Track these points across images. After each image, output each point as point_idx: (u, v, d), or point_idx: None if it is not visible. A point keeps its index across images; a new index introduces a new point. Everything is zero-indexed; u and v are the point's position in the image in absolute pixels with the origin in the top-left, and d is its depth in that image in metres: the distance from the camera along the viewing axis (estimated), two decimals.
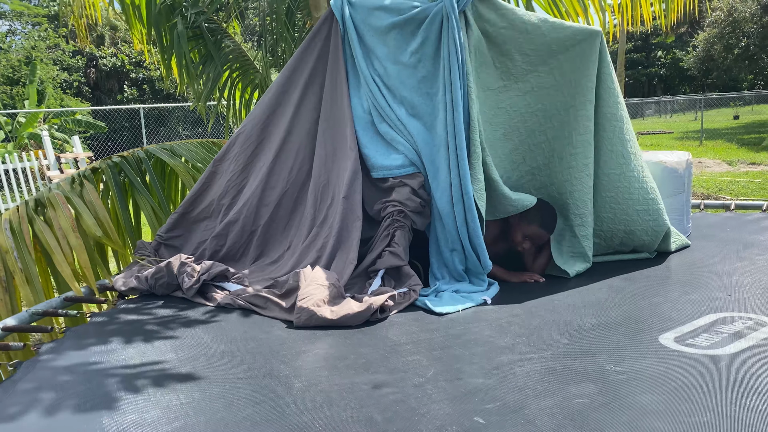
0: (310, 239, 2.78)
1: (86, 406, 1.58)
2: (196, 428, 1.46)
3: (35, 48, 27.42)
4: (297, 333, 2.12)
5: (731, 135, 21.08)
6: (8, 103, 24.39)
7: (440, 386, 1.65)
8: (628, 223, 2.94)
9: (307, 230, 2.83)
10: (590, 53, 2.81)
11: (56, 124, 17.80)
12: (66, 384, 1.71)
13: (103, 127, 18.27)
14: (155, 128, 22.04)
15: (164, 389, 1.68)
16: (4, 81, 27.10)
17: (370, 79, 2.86)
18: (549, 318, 2.21)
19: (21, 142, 16.06)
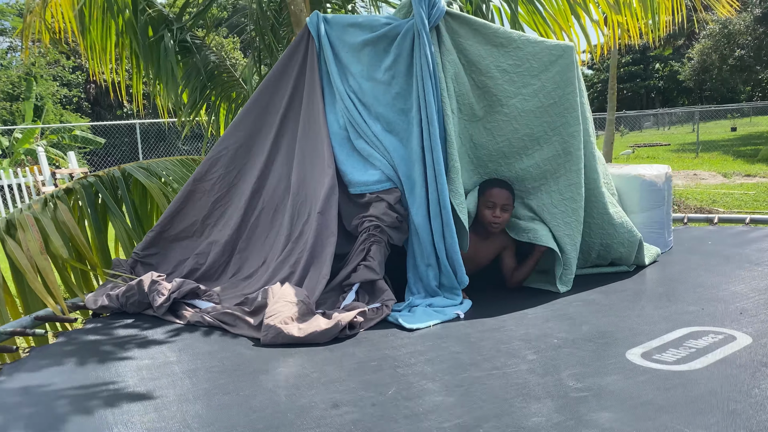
0: (285, 255, 2.77)
1: (35, 430, 1.57)
2: None
3: (35, 64, 27.58)
4: (262, 351, 2.11)
5: (728, 147, 21.13)
6: (8, 119, 24.51)
7: (399, 405, 1.64)
8: (603, 236, 2.93)
9: (282, 246, 2.83)
10: (569, 69, 2.81)
11: (54, 140, 17.86)
12: (17, 405, 1.70)
13: (99, 142, 18.31)
14: (155, 143, 22.10)
15: (118, 410, 1.66)
16: (4, 97, 27.26)
17: (345, 96, 2.87)
18: (519, 332, 2.20)
19: (17, 158, 16.11)
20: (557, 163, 2.77)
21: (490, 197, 2.75)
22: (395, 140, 2.78)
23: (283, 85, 3.07)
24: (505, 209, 2.76)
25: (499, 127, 2.80)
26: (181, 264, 2.98)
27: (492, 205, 2.75)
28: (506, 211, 2.77)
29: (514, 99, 2.78)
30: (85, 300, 2.61)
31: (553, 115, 2.77)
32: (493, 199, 2.75)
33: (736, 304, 2.37)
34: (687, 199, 10.22)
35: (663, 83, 44.99)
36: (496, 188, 2.76)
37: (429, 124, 2.61)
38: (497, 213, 2.75)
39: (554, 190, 2.79)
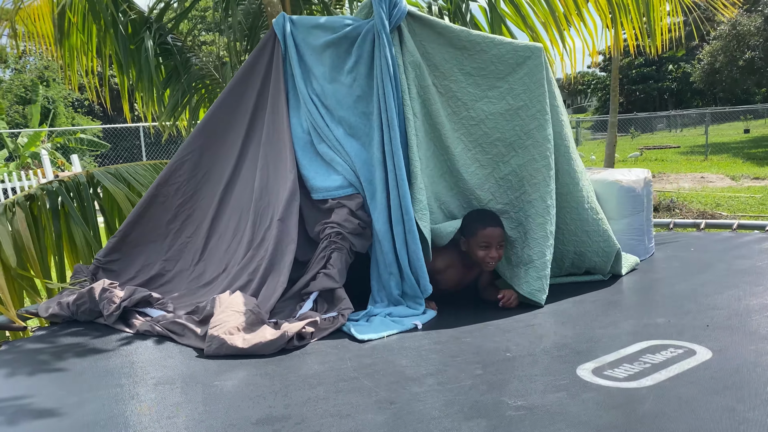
0: (245, 261, 2.71)
1: None
2: None
3: (48, 68, 27.83)
4: (204, 363, 2.04)
5: (738, 149, 20.84)
6: (21, 123, 24.73)
7: (324, 423, 1.56)
8: (577, 244, 2.84)
9: (244, 252, 2.76)
10: (538, 71, 2.72)
11: (60, 142, 17.97)
12: None
13: (105, 145, 18.41)
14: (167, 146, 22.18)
15: (38, 422, 1.60)
16: (17, 101, 27.54)
17: (308, 99, 2.80)
18: (473, 345, 2.12)
19: (23, 162, 16.22)
20: (534, 168, 2.66)
21: (483, 237, 2.59)
22: (357, 144, 2.70)
23: (250, 88, 3.01)
24: (500, 247, 2.62)
25: (468, 132, 2.71)
26: (145, 268, 2.92)
27: (486, 246, 2.59)
28: (501, 248, 2.63)
29: (480, 102, 2.70)
30: (37, 308, 2.56)
31: (525, 118, 2.68)
32: (488, 240, 2.59)
33: (706, 316, 2.27)
34: (691, 203, 10.05)
35: (676, 85, 44.55)
36: (490, 227, 2.59)
37: (390, 128, 2.53)
38: (493, 253, 2.59)
39: (535, 197, 2.65)
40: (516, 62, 2.68)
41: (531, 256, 2.66)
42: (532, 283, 2.59)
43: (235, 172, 3.02)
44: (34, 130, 16.90)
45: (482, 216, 2.64)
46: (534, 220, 2.68)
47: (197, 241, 2.98)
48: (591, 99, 52.71)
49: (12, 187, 12.10)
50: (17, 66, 33.31)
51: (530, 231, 2.68)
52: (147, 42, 4.28)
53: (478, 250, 2.60)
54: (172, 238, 3.00)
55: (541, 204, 2.68)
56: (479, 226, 2.60)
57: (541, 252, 2.64)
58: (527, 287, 2.58)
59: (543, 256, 2.64)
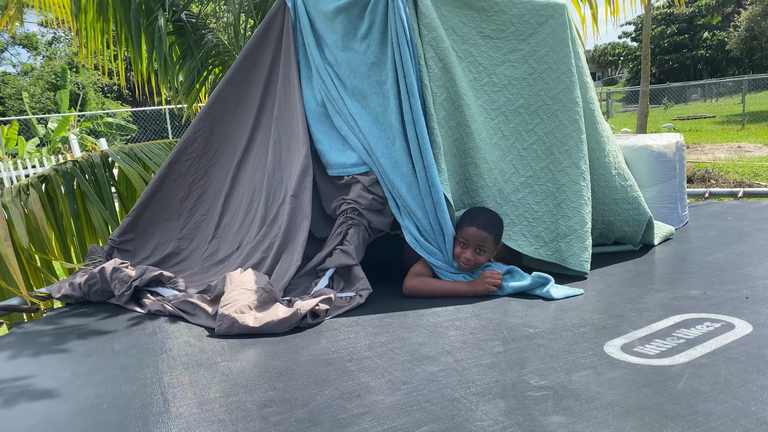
0: (259, 239, 2.63)
1: None
2: None
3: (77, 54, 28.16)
4: (211, 344, 1.96)
5: None
6: (52, 109, 25.11)
7: (332, 406, 1.47)
8: (606, 213, 2.70)
9: (257, 229, 2.68)
10: (562, 30, 2.57)
11: (88, 127, 18.17)
12: None
13: (133, 129, 18.56)
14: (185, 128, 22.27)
15: (38, 404, 1.54)
16: (48, 87, 27.94)
17: (323, 69, 2.68)
18: (494, 321, 2.01)
19: (54, 147, 16.45)
20: (563, 134, 2.51)
21: (464, 234, 2.36)
22: (369, 117, 2.57)
23: (261, 60, 2.91)
24: (480, 251, 2.36)
25: (490, 100, 2.56)
26: (160, 247, 2.87)
27: (463, 244, 2.37)
28: (481, 254, 2.36)
29: (501, 66, 2.56)
30: (50, 289, 2.52)
31: (549, 81, 2.53)
32: (466, 239, 2.36)
33: (745, 287, 2.12)
34: (727, 173, 9.69)
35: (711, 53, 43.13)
36: (474, 227, 2.35)
37: (410, 95, 2.38)
38: (468, 255, 2.35)
39: (568, 164, 2.51)
40: (538, 22, 2.52)
41: (572, 226, 2.51)
42: (579, 254, 2.45)
43: (248, 147, 2.94)
44: (63, 115, 17.09)
45: (476, 214, 2.42)
46: (570, 188, 2.53)
47: (211, 218, 2.92)
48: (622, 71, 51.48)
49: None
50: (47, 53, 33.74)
51: (566, 200, 2.53)
52: (160, 20, 4.19)
53: (457, 245, 2.39)
54: (186, 216, 2.94)
55: (575, 170, 2.53)
56: (465, 222, 2.39)
57: (582, 220, 2.51)
58: (575, 260, 2.43)
59: (584, 224, 2.50)
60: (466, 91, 2.48)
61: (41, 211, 2.90)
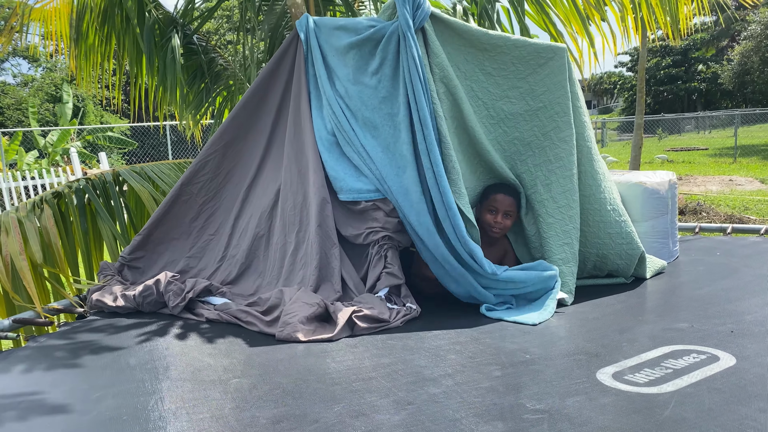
0: (287, 271, 2.73)
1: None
2: None
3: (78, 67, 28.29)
4: (225, 360, 2.06)
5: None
6: (51, 120, 25.23)
7: (342, 423, 1.57)
8: (599, 246, 2.82)
9: (280, 259, 2.79)
10: (560, 72, 2.71)
11: (88, 140, 18.29)
12: None
13: (132, 143, 18.69)
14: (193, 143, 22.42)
15: (59, 416, 1.63)
16: (48, 99, 28.08)
17: (333, 100, 2.81)
18: (492, 346, 2.11)
19: (53, 159, 16.53)
20: (548, 169, 2.67)
21: (493, 201, 2.75)
22: (380, 147, 2.70)
23: (273, 89, 3.04)
24: (507, 215, 2.75)
25: (488, 131, 2.72)
26: (169, 265, 2.97)
27: (494, 210, 2.73)
28: (509, 217, 2.76)
29: (500, 101, 2.70)
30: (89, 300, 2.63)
31: (543, 119, 2.67)
32: (496, 204, 2.74)
33: (730, 322, 2.24)
34: (718, 206, 9.87)
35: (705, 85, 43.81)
36: (500, 193, 2.74)
37: (423, 126, 2.52)
38: (498, 218, 2.73)
39: (547, 198, 2.68)
40: (538, 63, 2.66)
41: (543, 254, 2.70)
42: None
43: (258, 172, 3.05)
44: (63, 128, 17.21)
45: (500, 184, 2.78)
46: (544, 220, 2.72)
47: (220, 239, 3.02)
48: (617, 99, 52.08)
49: (42, 184, 12.35)
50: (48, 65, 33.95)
51: (541, 230, 2.72)
52: (174, 41, 4.33)
53: (487, 213, 2.75)
54: (195, 236, 3.05)
55: (552, 204, 2.70)
56: (492, 191, 2.76)
57: (550, 250, 2.69)
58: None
59: (552, 254, 2.68)
60: (475, 122, 2.65)
61: (54, 227, 2.99)
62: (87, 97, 28.05)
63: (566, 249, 2.65)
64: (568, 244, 2.65)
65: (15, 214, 3.00)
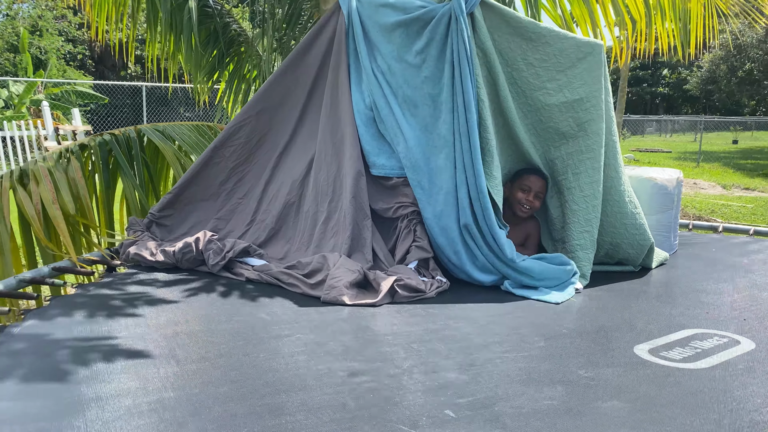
0: (317, 238, 2.82)
1: (65, 374, 1.61)
2: (171, 402, 1.49)
3: (42, 17, 27.32)
4: (280, 317, 2.16)
5: (729, 159, 21.22)
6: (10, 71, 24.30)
7: (414, 378, 1.69)
8: (614, 235, 2.98)
9: (310, 227, 2.87)
10: (597, 67, 2.84)
11: (56, 93, 17.72)
12: (46, 351, 1.74)
13: (103, 98, 18.17)
14: (156, 107, 21.98)
15: (143, 362, 1.71)
16: (8, 48, 27.00)
17: (371, 76, 2.89)
18: (527, 320, 2.25)
19: (19, 110, 16.01)
20: (579, 159, 2.81)
21: (526, 181, 2.90)
22: (418, 126, 2.80)
23: (310, 60, 3.09)
24: (537, 197, 2.91)
25: (524, 116, 2.85)
26: (198, 225, 3.03)
27: (527, 189, 2.89)
28: (538, 198, 2.92)
29: (538, 92, 2.82)
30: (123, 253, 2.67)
31: (579, 111, 2.80)
32: (529, 184, 2.89)
33: (740, 311, 2.43)
34: (686, 207, 10.29)
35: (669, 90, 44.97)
36: (534, 175, 2.90)
37: (466, 109, 2.63)
38: (530, 198, 2.89)
39: (574, 186, 2.83)
40: (577, 57, 2.79)
41: (564, 238, 2.88)
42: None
43: (290, 141, 3.11)
44: (30, 79, 16.65)
45: (532, 168, 2.93)
46: (569, 207, 2.87)
47: (249, 203, 3.08)
48: None
49: (11, 136, 11.98)
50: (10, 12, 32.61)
51: (565, 216, 2.88)
52: (191, 2, 4.31)
53: (518, 191, 2.92)
54: (224, 198, 3.10)
55: (578, 193, 2.84)
56: (525, 172, 2.92)
57: (570, 235, 2.85)
58: None
59: (572, 239, 2.84)
60: (512, 108, 2.77)
61: (83, 179, 3.00)
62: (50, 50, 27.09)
63: (586, 236, 2.81)
64: (588, 231, 2.81)
65: (44, 164, 2.99)
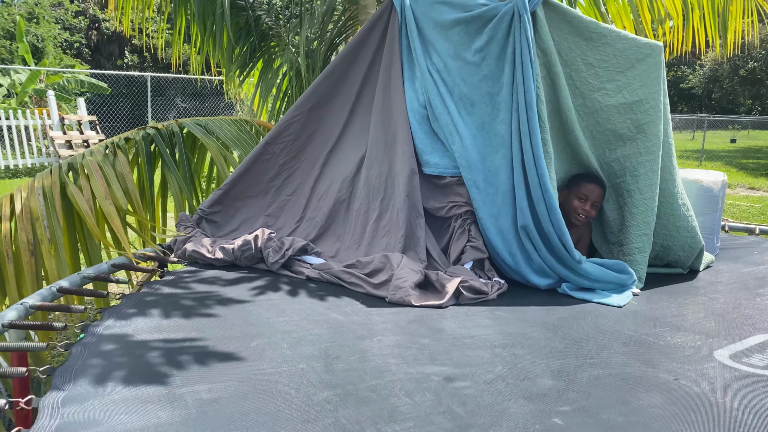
0: (369, 237, 2.80)
1: (165, 376, 1.59)
2: (282, 408, 1.47)
3: (39, 4, 27.08)
4: (352, 318, 2.14)
5: (730, 158, 21.30)
6: (7, 58, 24.06)
7: (510, 384, 1.67)
8: (666, 238, 2.97)
9: (362, 225, 2.86)
10: (656, 69, 2.81)
11: (57, 82, 17.57)
12: (138, 353, 1.72)
13: (106, 88, 18.02)
14: (153, 98, 21.86)
15: (236, 364, 1.69)
16: (4, 35, 26.73)
17: (427, 73, 2.86)
18: (596, 324, 2.24)
19: (22, 99, 15.86)
20: (638, 161, 2.80)
21: (584, 189, 2.84)
22: (474, 125, 2.78)
23: (362, 57, 3.07)
24: (594, 206, 2.86)
25: (581, 119, 2.83)
26: (247, 221, 3.01)
27: (584, 198, 2.83)
28: (595, 208, 2.86)
29: (597, 93, 2.80)
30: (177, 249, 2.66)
31: (638, 112, 2.79)
32: (587, 193, 2.83)
33: None
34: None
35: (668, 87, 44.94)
36: (593, 184, 2.84)
37: (528, 108, 2.61)
38: (587, 207, 2.83)
39: (634, 188, 2.81)
40: (636, 58, 2.77)
41: (621, 241, 2.86)
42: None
43: (340, 138, 3.09)
44: (33, 68, 16.50)
45: (590, 176, 2.89)
46: (628, 209, 2.84)
47: (298, 200, 3.06)
48: None
49: (17, 125, 11.87)
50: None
51: (624, 219, 2.85)
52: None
53: (575, 199, 2.86)
54: (272, 194, 3.08)
55: (638, 195, 2.82)
56: (584, 180, 2.86)
57: (629, 239, 2.83)
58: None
59: (630, 242, 2.82)
60: (571, 109, 2.74)
61: (131, 174, 2.97)
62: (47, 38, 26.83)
63: (644, 239, 2.80)
64: (646, 234, 2.80)
65: (92, 158, 2.96)
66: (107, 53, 30.14)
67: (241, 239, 2.69)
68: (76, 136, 12.18)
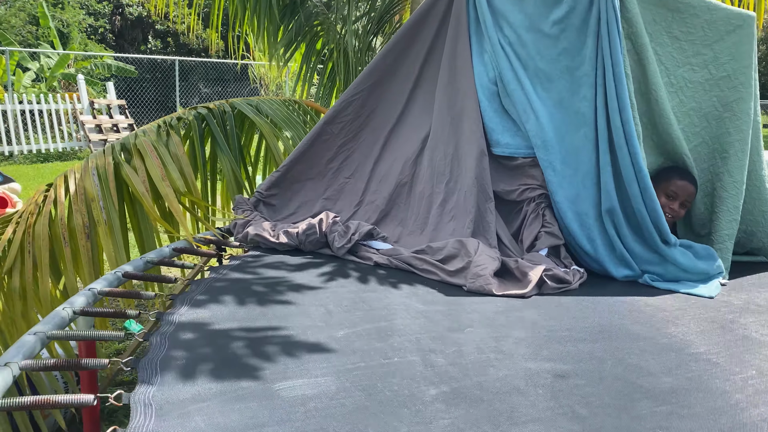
0: (434, 222, 2.65)
1: (254, 369, 1.47)
2: (378, 406, 1.35)
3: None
4: (433, 306, 2.00)
5: None
6: (33, 43, 24.21)
7: (630, 383, 1.52)
8: (750, 223, 2.79)
9: (425, 209, 2.71)
10: (748, 41, 2.62)
11: (85, 66, 17.61)
12: (220, 343, 1.60)
13: (133, 71, 18.03)
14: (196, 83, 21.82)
15: (326, 356, 1.56)
16: (30, 21, 26.90)
17: (498, 47, 2.69)
18: (692, 314, 2.08)
19: (51, 84, 15.92)
20: (727, 142, 2.61)
21: (673, 186, 2.58)
22: (551, 102, 2.60)
23: (425, 30, 2.90)
24: (684, 205, 2.61)
25: (663, 98, 2.62)
26: (305, 205, 2.88)
27: (673, 195, 2.58)
28: (684, 207, 2.62)
29: (681, 68, 2.61)
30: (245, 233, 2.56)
31: (725, 89, 2.60)
32: (677, 191, 2.58)
33: None
34: None
35: None
36: (684, 181, 2.57)
37: (617, 83, 2.41)
38: (675, 206, 2.59)
39: (723, 171, 2.62)
40: (726, 30, 2.58)
41: (711, 229, 2.65)
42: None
43: (401, 118, 2.94)
44: (62, 52, 16.53)
45: (682, 170, 2.62)
46: (717, 194, 2.65)
47: (357, 183, 2.92)
48: None
49: (48, 109, 11.90)
50: None
51: (714, 204, 2.65)
52: None
53: (662, 196, 2.56)
54: (330, 177, 2.95)
55: (728, 179, 2.63)
56: (675, 176, 2.59)
57: (719, 225, 2.62)
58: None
59: (720, 229, 2.62)
60: (660, 84, 2.54)
61: (185, 155, 2.86)
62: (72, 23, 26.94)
63: (733, 225, 2.61)
64: (736, 219, 2.61)
65: (145, 138, 2.84)
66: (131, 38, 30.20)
67: (305, 223, 2.57)
68: (105, 120, 12.17)
